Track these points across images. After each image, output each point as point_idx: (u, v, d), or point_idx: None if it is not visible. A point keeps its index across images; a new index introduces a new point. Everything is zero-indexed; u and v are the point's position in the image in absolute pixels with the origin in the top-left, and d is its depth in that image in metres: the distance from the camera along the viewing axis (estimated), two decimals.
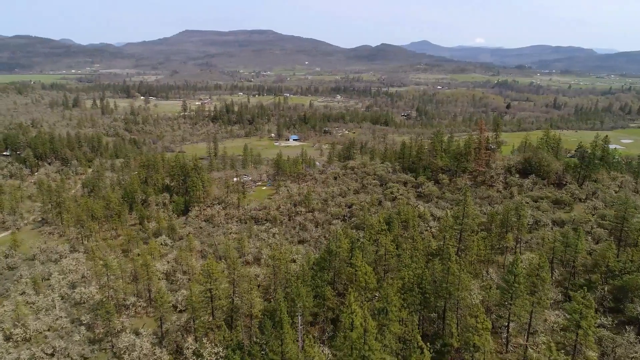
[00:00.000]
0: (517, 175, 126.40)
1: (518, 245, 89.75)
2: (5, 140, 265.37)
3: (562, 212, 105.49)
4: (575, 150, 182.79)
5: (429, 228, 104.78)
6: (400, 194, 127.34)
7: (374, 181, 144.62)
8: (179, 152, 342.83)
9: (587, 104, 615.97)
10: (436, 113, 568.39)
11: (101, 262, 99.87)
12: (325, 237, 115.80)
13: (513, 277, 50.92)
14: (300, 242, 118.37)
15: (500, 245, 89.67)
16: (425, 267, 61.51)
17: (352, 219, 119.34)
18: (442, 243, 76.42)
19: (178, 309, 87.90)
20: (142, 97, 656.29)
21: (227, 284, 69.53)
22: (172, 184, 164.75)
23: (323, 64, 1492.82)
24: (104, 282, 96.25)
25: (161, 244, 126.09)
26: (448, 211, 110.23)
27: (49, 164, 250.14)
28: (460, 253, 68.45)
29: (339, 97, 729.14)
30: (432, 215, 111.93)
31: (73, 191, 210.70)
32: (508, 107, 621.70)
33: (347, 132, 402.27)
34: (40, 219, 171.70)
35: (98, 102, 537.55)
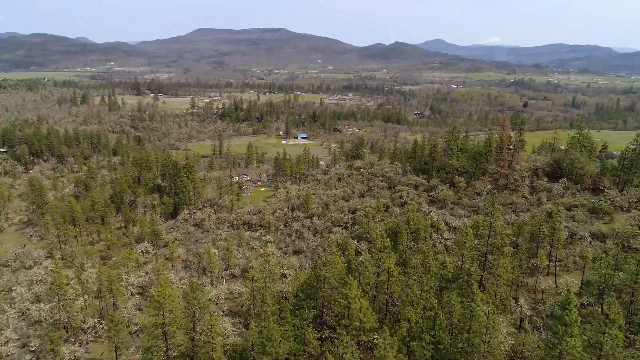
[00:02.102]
0: (546, 179, 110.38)
1: (551, 264, 74.46)
2: (3, 136, 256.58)
3: (601, 223, 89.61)
4: (600, 151, 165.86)
5: (443, 240, 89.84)
6: (411, 199, 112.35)
7: (381, 183, 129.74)
8: (184, 149, 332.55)
9: (608, 103, 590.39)
10: (450, 111, 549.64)
11: (64, 274, 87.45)
12: (323, 247, 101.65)
13: (563, 327, 36.15)
14: (296, 252, 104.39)
15: (530, 264, 74.57)
16: (439, 303, 46.91)
17: (355, 226, 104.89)
18: (459, 265, 61.65)
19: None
20: (151, 95, 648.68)
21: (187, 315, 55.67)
22: (163, 184, 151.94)
23: (336, 62, 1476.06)
24: (60, 301, 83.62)
25: (142, 251, 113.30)
26: (466, 220, 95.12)
27: (45, 161, 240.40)
28: (484, 281, 53.45)
29: (350, 95, 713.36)
30: (446, 224, 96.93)
31: (67, 190, 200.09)
32: (525, 105, 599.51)
33: (357, 130, 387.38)
34: (26, 220, 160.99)
35: (106, 99, 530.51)
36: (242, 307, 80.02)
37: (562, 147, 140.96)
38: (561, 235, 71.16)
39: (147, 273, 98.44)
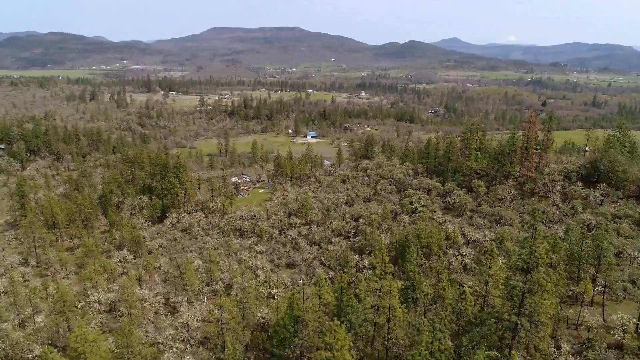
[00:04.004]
0: (580, 184, 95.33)
1: (596, 291, 60.05)
2: (2, 132, 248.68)
3: None
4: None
5: (460, 257, 75.73)
6: (422, 205, 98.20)
7: (389, 187, 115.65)
8: (190, 147, 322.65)
9: (631, 103, 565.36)
10: (466, 110, 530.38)
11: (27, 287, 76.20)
12: (321, 260, 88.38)
13: None
14: (290, 265, 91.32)
15: (571, 292, 60.36)
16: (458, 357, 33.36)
17: (358, 236, 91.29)
18: (482, 293, 47.81)
19: None
20: (161, 92, 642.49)
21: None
22: (154, 185, 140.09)
23: (349, 60, 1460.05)
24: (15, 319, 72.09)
25: (120, 260, 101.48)
26: (487, 233, 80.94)
27: (42, 158, 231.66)
28: (519, 329, 39.22)
29: (363, 93, 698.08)
30: (464, 236, 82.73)
31: (60, 189, 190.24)
32: (544, 104, 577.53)
33: (368, 128, 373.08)
34: (12, 221, 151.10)
35: (116, 96, 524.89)
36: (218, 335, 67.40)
37: (589, 149, 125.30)
38: (610, 259, 56.80)
39: (120, 287, 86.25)
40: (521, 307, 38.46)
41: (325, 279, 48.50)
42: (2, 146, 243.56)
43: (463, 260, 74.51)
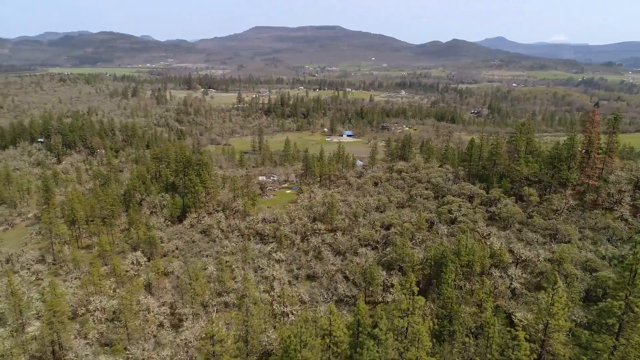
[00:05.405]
0: None
1: None
2: (43, 126, 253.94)
3: None
4: None
5: (508, 279, 63.81)
6: (463, 214, 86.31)
7: (425, 192, 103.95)
8: (224, 144, 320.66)
9: None
10: (511, 111, 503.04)
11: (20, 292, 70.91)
12: (344, 273, 78.53)
13: None
14: (310, 277, 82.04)
15: None
16: None
17: (388, 248, 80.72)
18: (538, 337, 36.67)
19: None
20: (201, 89, 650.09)
21: None
22: (176, 182, 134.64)
23: (390, 60, 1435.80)
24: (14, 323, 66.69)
25: (132, 262, 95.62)
26: (541, 251, 68.57)
27: (78, 152, 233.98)
28: None
29: (403, 92, 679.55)
30: (512, 253, 70.50)
31: (91, 183, 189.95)
32: (596, 106, 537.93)
33: (407, 128, 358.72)
34: (40, 215, 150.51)
35: (156, 93, 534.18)
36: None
37: None
38: None
39: (121, 295, 79.74)
40: None
41: (334, 313, 38.78)
42: (41, 140, 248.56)
43: (511, 284, 62.62)
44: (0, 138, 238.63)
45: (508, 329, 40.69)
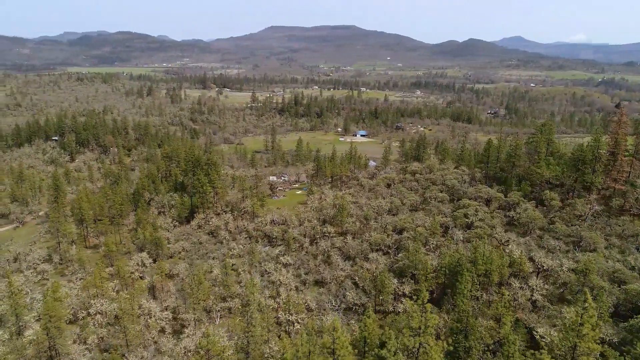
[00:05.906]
0: None
1: None
2: (58, 124, 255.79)
3: None
4: None
5: (530, 290, 59.56)
6: (480, 219, 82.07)
7: (440, 194, 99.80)
8: (237, 143, 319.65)
9: None
10: (529, 111, 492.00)
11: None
12: (354, 279, 75.04)
13: None
14: (318, 283, 78.77)
15: None
16: None
17: (400, 253, 76.96)
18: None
19: None
20: (215, 89, 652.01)
21: None
22: (185, 182, 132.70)
23: (405, 59, 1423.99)
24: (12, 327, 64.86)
25: (137, 263, 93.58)
26: (564, 261, 64.15)
27: (91, 150, 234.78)
28: None
29: (418, 92, 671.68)
30: (532, 261, 66.12)
31: (103, 182, 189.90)
32: (617, 106, 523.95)
33: (422, 128, 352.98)
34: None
35: (171, 92, 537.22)
36: None
37: None
38: None
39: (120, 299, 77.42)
40: None
41: (341, 326, 35.51)
42: (56, 138, 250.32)
43: (532, 295, 58.40)
44: (17, 136, 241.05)
45: (532, 351, 36.82)
